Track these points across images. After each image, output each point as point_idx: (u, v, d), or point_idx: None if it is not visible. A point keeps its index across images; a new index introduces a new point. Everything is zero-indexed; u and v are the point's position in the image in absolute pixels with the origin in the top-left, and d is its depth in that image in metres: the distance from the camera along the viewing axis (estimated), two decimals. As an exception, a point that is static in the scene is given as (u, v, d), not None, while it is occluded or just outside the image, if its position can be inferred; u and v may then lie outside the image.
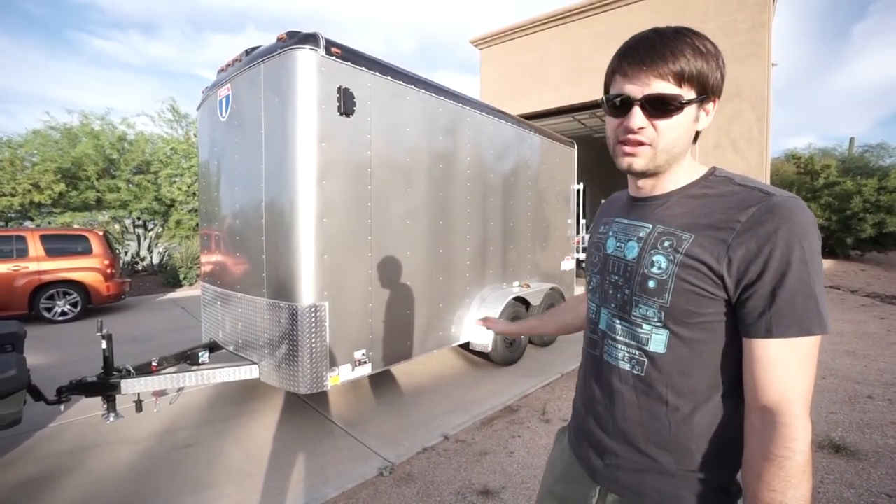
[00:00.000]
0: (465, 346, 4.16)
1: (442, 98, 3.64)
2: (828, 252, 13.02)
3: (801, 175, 13.95)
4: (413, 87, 3.35)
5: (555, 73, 10.50)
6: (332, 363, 2.82)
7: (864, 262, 12.41)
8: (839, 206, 12.27)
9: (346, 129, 2.87)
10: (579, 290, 6.08)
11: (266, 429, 3.10)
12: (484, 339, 4.02)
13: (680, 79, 0.70)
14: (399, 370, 4.25)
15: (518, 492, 2.32)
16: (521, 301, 4.54)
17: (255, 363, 3.03)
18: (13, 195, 11.53)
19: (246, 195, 3.13)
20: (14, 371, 2.34)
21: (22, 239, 6.58)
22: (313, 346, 2.72)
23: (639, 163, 0.75)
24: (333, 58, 2.77)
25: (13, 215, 12.29)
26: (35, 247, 6.59)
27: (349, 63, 2.87)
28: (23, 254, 6.50)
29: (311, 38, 2.69)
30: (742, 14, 8.17)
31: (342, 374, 2.88)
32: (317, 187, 2.72)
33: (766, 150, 8.22)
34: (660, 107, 0.71)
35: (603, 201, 1.10)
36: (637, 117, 0.72)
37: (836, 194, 12.44)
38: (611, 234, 0.88)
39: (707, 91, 0.73)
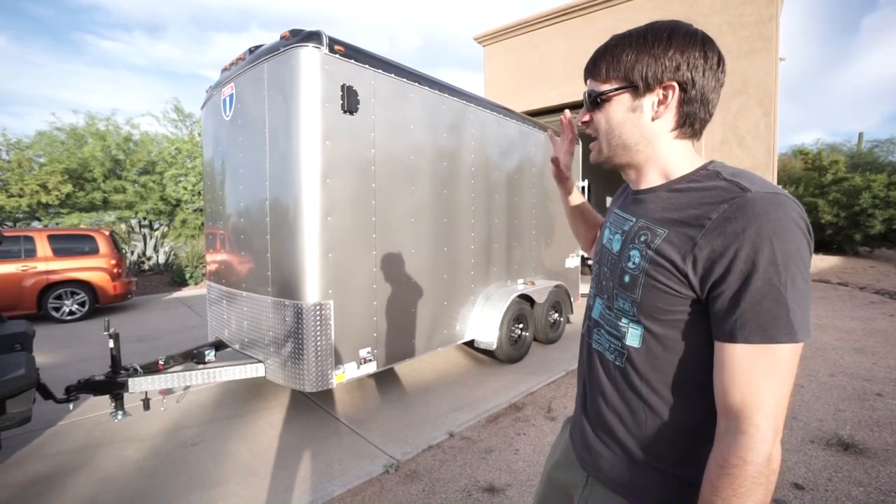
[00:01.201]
0: (470, 344, 4.16)
1: (446, 95, 3.63)
2: (835, 249, 12.89)
3: (809, 171, 13.80)
4: (417, 84, 3.34)
5: (559, 70, 10.44)
6: (338, 361, 2.83)
7: (873, 259, 12.26)
8: (848, 203, 12.13)
9: (350, 126, 2.86)
10: (584, 287, 6.06)
11: (272, 426, 3.11)
12: (489, 337, 4.01)
13: (606, 74, 0.78)
14: (404, 368, 4.26)
15: (523, 489, 2.32)
16: (526, 298, 4.53)
17: (260, 361, 3.04)
18: (21, 196, 11.66)
19: (250, 194, 3.13)
20: (23, 370, 2.37)
21: (30, 239, 6.64)
22: (318, 344, 2.72)
23: (593, 154, 0.83)
24: (337, 55, 2.76)
25: (21, 216, 12.41)
26: (43, 247, 6.65)
27: (352, 61, 2.86)
28: (31, 254, 6.56)
29: (314, 36, 2.68)
30: (749, 8, 8.08)
31: (347, 372, 2.89)
32: (321, 185, 2.72)
33: (774, 145, 8.13)
34: (592, 102, 0.80)
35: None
36: (582, 113, 0.83)
37: (845, 190, 12.30)
38: (607, 224, 0.90)
39: (631, 81, 0.75)
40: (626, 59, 0.74)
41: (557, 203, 5.47)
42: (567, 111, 1.12)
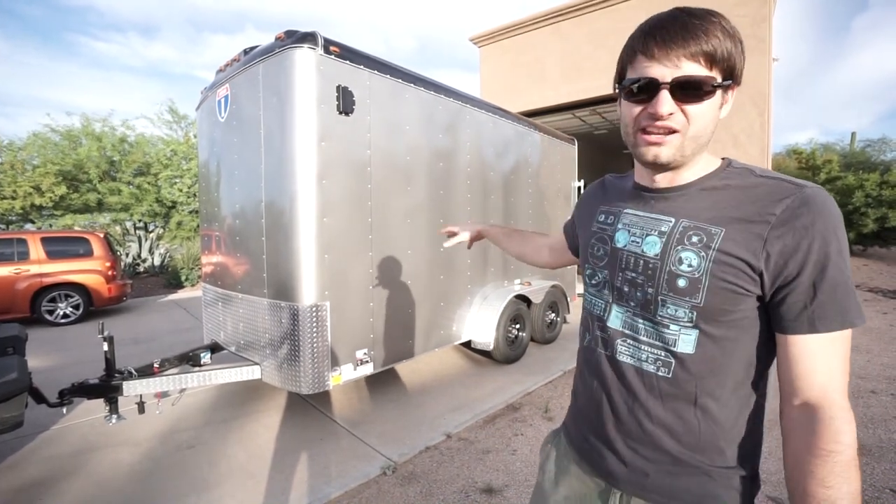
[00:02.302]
0: (467, 345, 4.16)
1: (441, 96, 3.63)
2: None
3: (803, 170, 13.90)
4: (412, 85, 3.34)
5: (554, 71, 10.47)
6: (334, 363, 2.82)
7: (866, 257, 12.36)
8: (841, 201, 12.22)
9: (346, 127, 2.86)
10: (580, 287, 6.07)
11: (268, 429, 3.10)
12: (486, 338, 4.01)
13: (711, 61, 0.65)
14: (401, 369, 4.25)
15: (521, 490, 2.32)
16: (523, 299, 4.53)
17: (256, 364, 3.03)
18: (14, 198, 11.56)
19: (246, 195, 3.12)
20: (15, 374, 2.34)
21: (23, 242, 6.58)
22: (315, 345, 2.71)
23: (666, 153, 0.70)
24: (332, 56, 2.76)
25: (14, 218, 12.32)
26: (36, 249, 6.60)
27: (348, 62, 2.85)
28: (24, 256, 6.51)
29: (309, 37, 2.68)
30: (742, 9, 8.14)
31: (344, 374, 2.88)
32: (317, 187, 2.71)
33: (768, 145, 8.19)
34: (691, 91, 0.66)
35: (590, 184, 1.04)
36: (666, 103, 0.66)
37: (838, 189, 12.40)
38: (620, 226, 0.82)
39: (733, 76, 0.68)
40: (730, 48, 0.66)
41: (554, 203, 5.49)
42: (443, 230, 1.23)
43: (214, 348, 3.54)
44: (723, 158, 0.77)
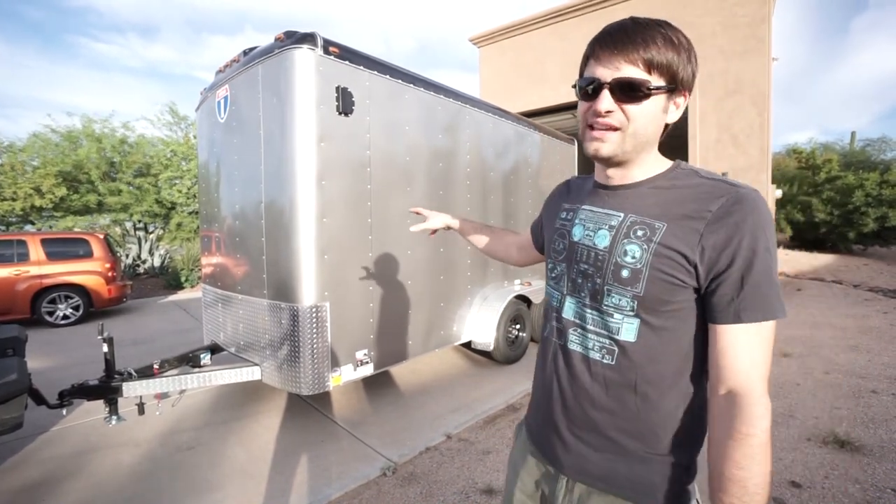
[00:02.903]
0: (467, 345, 4.15)
1: (441, 96, 3.62)
2: (830, 247, 12.98)
3: (803, 170, 13.92)
4: (412, 85, 3.34)
5: (554, 71, 10.46)
6: (334, 363, 2.81)
7: (866, 257, 12.36)
8: (841, 201, 12.24)
9: (345, 128, 2.86)
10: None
11: (268, 430, 3.10)
12: (486, 338, 4.01)
13: (649, 65, 0.71)
14: (401, 370, 4.25)
15: (522, 491, 2.31)
16: (523, 299, 4.53)
17: (256, 364, 3.02)
18: (14, 200, 11.56)
19: (245, 196, 3.12)
20: (15, 375, 2.34)
21: (23, 243, 6.59)
22: (315, 346, 2.71)
23: (606, 148, 0.75)
24: (331, 57, 2.76)
25: (14, 219, 12.32)
26: (36, 251, 6.60)
27: (347, 62, 2.85)
28: (24, 258, 6.51)
29: (308, 38, 2.67)
30: (742, 9, 8.14)
31: (344, 375, 2.88)
32: (316, 187, 2.71)
33: (768, 144, 8.18)
34: (629, 91, 0.72)
35: (557, 185, 1.10)
36: (605, 100, 0.72)
37: (838, 189, 12.41)
38: (577, 221, 0.87)
39: (676, 82, 0.73)
40: (670, 57, 0.71)
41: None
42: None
43: (214, 349, 3.54)
44: (673, 160, 0.83)
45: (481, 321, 4.05)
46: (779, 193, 13.10)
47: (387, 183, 3.17)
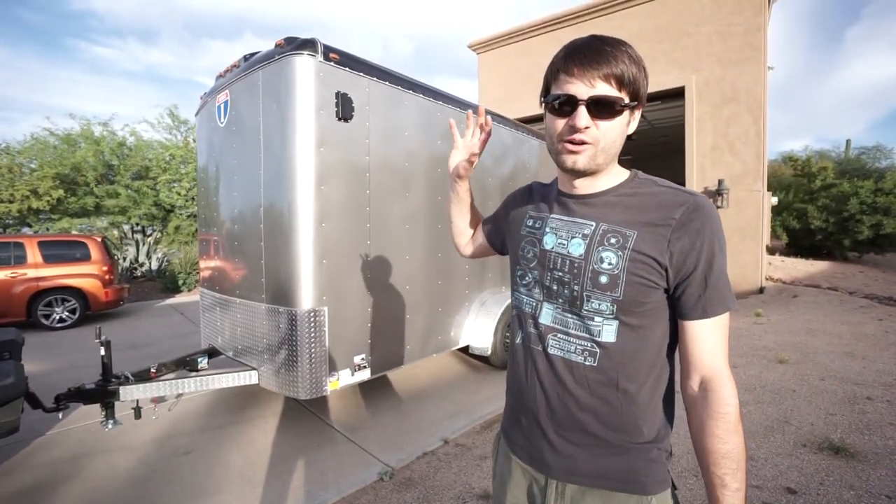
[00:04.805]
0: (465, 350, 4.16)
1: (440, 103, 3.65)
2: (825, 254, 13.06)
3: (798, 177, 14.01)
4: (411, 91, 3.37)
5: (552, 77, 10.55)
6: (332, 368, 2.81)
7: (861, 264, 12.43)
8: (836, 208, 12.31)
9: (345, 134, 2.88)
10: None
11: (265, 434, 3.09)
12: (483, 343, 4.02)
13: (620, 83, 0.75)
14: (399, 374, 4.24)
15: (519, 496, 2.31)
16: (521, 304, 4.54)
17: (254, 369, 3.02)
18: (11, 202, 11.52)
19: (244, 200, 3.13)
20: (11, 379, 2.34)
21: (20, 245, 6.57)
22: (312, 350, 2.71)
23: (582, 161, 0.79)
24: (331, 63, 2.78)
25: (11, 222, 12.27)
26: (33, 253, 6.58)
27: (347, 68, 2.88)
28: (21, 260, 6.49)
29: (308, 44, 2.70)
30: (738, 18, 8.24)
31: (342, 379, 2.88)
32: (315, 192, 2.72)
33: (763, 152, 8.26)
34: (604, 108, 0.76)
35: (517, 189, 1.13)
36: (584, 117, 0.76)
37: (833, 196, 12.48)
38: (548, 229, 0.90)
39: (638, 98, 0.79)
40: (635, 74, 0.76)
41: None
42: (481, 107, 1.16)
43: (212, 353, 3.53)
44: (630, 170, 0.89)
45: (479, 326, 4.06)
46: (774, 200, 13.19)
47: (386, 188, 3.19)
